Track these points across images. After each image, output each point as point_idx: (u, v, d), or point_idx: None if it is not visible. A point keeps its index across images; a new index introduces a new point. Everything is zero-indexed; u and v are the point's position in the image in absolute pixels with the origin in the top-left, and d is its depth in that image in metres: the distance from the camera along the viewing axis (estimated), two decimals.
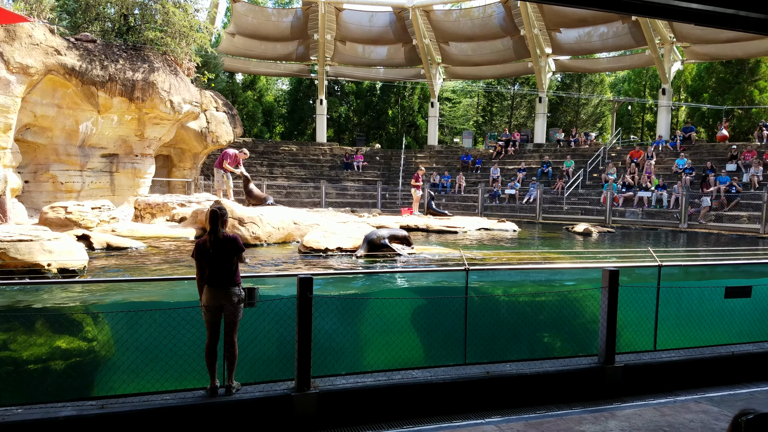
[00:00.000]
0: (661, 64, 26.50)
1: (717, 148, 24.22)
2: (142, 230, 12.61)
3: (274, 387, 5.52)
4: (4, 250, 7.71)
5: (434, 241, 13.97)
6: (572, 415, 5.44)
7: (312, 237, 11.05)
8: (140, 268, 8.98)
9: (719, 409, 5.46)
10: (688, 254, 10.60)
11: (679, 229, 18.37)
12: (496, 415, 5.65)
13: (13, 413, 4.78)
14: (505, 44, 29.86)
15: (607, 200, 20.71)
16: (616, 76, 40.11)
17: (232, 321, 5.23)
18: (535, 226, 19.96)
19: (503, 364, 6.39)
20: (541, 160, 27.86)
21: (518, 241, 14.89)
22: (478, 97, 41.78)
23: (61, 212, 11.83)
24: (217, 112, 21.86)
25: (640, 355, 6.93)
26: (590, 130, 34.34)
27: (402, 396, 5.77)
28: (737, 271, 10.15)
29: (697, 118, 31.65)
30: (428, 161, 30.74)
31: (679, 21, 5.58)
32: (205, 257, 5.18)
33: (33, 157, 16.13)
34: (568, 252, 12.40)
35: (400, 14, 30.25)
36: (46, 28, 14.60)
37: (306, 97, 37.90)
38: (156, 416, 5.00)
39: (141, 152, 18.21)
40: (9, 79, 13.47)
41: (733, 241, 15.31)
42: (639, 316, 7.44)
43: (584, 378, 6.42)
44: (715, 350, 7.21)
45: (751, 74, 29.18)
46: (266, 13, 31.82)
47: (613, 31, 27.21)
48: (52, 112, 15.47)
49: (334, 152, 31.71)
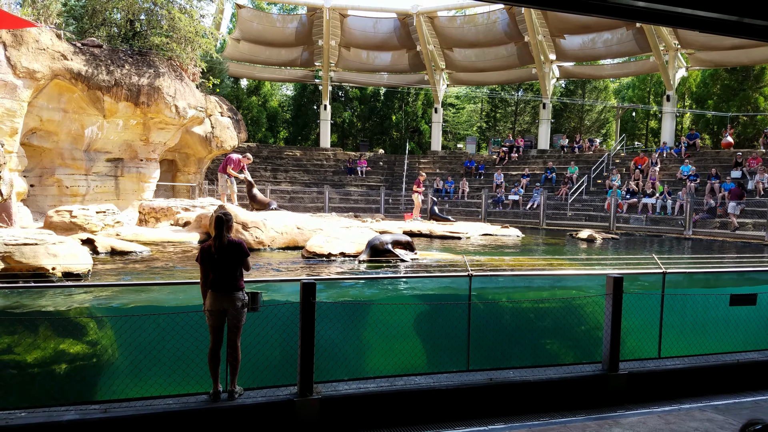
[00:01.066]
0: (666, 70, 26.48)
1: (722, 154, 24.15)
2: (147, 234, 12.65)
3: (276, 392, 5.51)
4: (9, 253, 7.75)
5: (437, 246, 13.95)
6: (576, 423, 5.42)
7: (315, 242, 11.06)
8: (144, 273, 9.00)
9: (724, 418, 5.43)
10: (693, 261, 10.55)
11: (684, 236, 18.30)
12: (500, 423, 5.62)
13: (17, 417, 4.79)
14: (509, 50, 29.91)
15: (611, 207, 20.67)
16: (620, 83, 40.10)
17: (236, 326, 5.26)
18: (538, 232, 19.92)
19: (506, 371, 6.37)
20: (544, 166, 27.84)
21: (521, 247, 14.86)
22: (482, 102, 41.81)
23: (66, 216, 11.88)
24: (222, 117, 21.95)
25: (644, 363, 6.89)
26: (594, 137, 34.31)
27: (404, 402, 5.75)
28: (742, 279, 10.11)
29: (701, 124, 31.58)
30: (432, 167, 30.76)
31: (683, 28, 5.60)
32: (210, 262, 5.20)
33: (39, 161, 16.21)
34: (572, 258, 12.37)
35: (405, 20, 30.35)
36: (52, 33, 14.70)
37: (310, 103, 38.02)
38: (159, 421, 5.00)
39: (146, 157, 18.30)
40: (16, 83, 13.56)
41: (738, 249, 15.24)
42: (643, 323, 7.41)
43: (588, 385, 6.39)
44: (720, 358, 7.17)
45: (756, 81, 29.13)
46: (271, 19, 31.96)
47: (617, 37, 27.22)
48: (58, 116, 15.55)
49: (338, 157, 31.77)
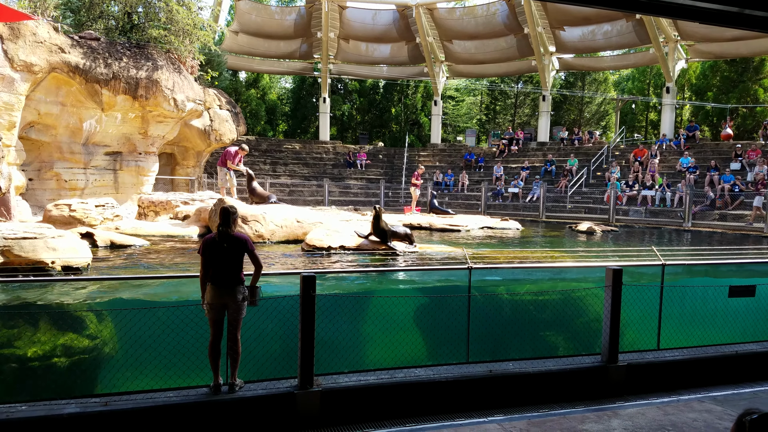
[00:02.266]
0: (666, 62, 26.39)
1: (721, 146, 24.13)
2: (146, 228, 12.65)
3: (277, 385, 5.53)
4: (8, 247, 7.74)
5: (437, 239, 13.96)
6: (575, 414, 5.44)
7: (315, 235, 11.07)
8: (143, 266, 9.00)
9: (723, 409, 5.45)
10: (692, 253, 10.56)
11: (683, 228, 18.32)
12: (499, 414, 5.64)
13: (18, 410, 4.80)
14: (509, 42, 29.79)
15: (611, 199, 20.67)
16: (620, 75, 39.99)
17: (236, 319, 5.27)
18: (538, 225, 19.93)
19: (506, 363, 6.39)
20: (544, 158, 27.81)
21: (521, 239, 14.87)
22: (482, 95, 41.71)
23: (65, 210, 11.87)
24: (221, 110, 21.88)
25: (643, 354, 6.92)
26: (594, 129, 34.25)
27: (405, 394, 5.77)
28: (741, 270, 10.13)
29: (701, 116, 31.53)
30: (431, 159, 30.71)
31: (683, 19, 5.57)
32: (212, 255, 5.21)
33: (37, 155, 16.17)
34: (572, 250, 12.38)
35: (404, 12, 30.21)
36: (50, 26, 14.62)
37: (309, 95, 37.91)
38: (159, 413, 5.02)
39: (144, 150, 18.25)
40: (13, 76, 13.50)
41: (737, 240, 15.26)
42: (642, 314, 7.42)
43: (587, 377, 6.41)
44: (719, 349, 7.19)
45: (755, 73, 29.06)
46: (270, 11, 31.81)
47: (617, 29, 27.11)
48: (56, 109, 15.50)
49: (337, 150, 31.72)
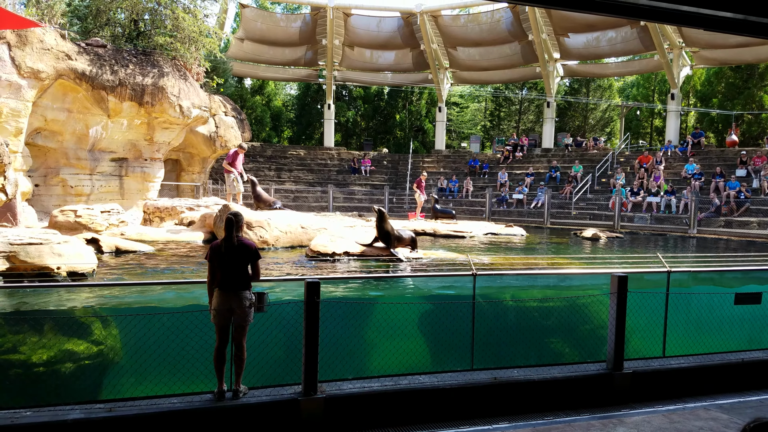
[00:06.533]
0: (670, 68, 26.38)
1: (726, 153, 24.06)
2: (151, 234, 12.69)
3: (281, 391, 5.52)
4: (14, 253, 7.78)
5: (442, 245, 13.94)
6: (580, 422, 5.41)
7: (319, 241, 11.08)
8: (148, 272, 9.02)
9: (729, 416, 5.41)
10: (698, 260, 10.51)
11: (689, 234, 18.24)
12: (504, 421, 5.62)
13: (22, 416, 4.80)
14: (513, 49, 29.85)
15: (616, 205, 20.60)
16: (624, 81, 39.97)
17: (242, 325, 5.26)
18: (543, 231, 19.88)
19: (511, 370, 6.36)
20: (549, 164, 27.77)
21: (526, 245, 14.84)
22: (486, 101, 41.77)
23: (70, 216, 11.93)
24: (226, 117, 21.98)
25: (648, 362, 6.87)
26: (599, 135, 34.21)
27: (409, 401, 5.75)
28: (747, 278, 10.06)
29: (706, 123, 31.46)
30: (436, 166, 30.73)
31: (688, 26, 5.57)
32: (219, 261, 5.23)
33: (43, 161, 16.27)
34: (577, 257, 12.34)
35: (408, 19, 30.32)
36: (57, 33, 14.74)
37: (314, 102, 38.06)
38: (164, 419, 5.02)
39: (150, 156, 18.34)
40: (20, 83, 13.61)
41: (743, 247, 15.18)
42: (648, 322, 7.39)
43: (592, 384, 6.38)
44: (725, 357, 7.14)
45: (760, 79, 28.99)
46: (275, 19, 31.98)
47: (621, 36, 27.13)
48: (62, 116, 15.60)
49: (342, 156, 31.78)
